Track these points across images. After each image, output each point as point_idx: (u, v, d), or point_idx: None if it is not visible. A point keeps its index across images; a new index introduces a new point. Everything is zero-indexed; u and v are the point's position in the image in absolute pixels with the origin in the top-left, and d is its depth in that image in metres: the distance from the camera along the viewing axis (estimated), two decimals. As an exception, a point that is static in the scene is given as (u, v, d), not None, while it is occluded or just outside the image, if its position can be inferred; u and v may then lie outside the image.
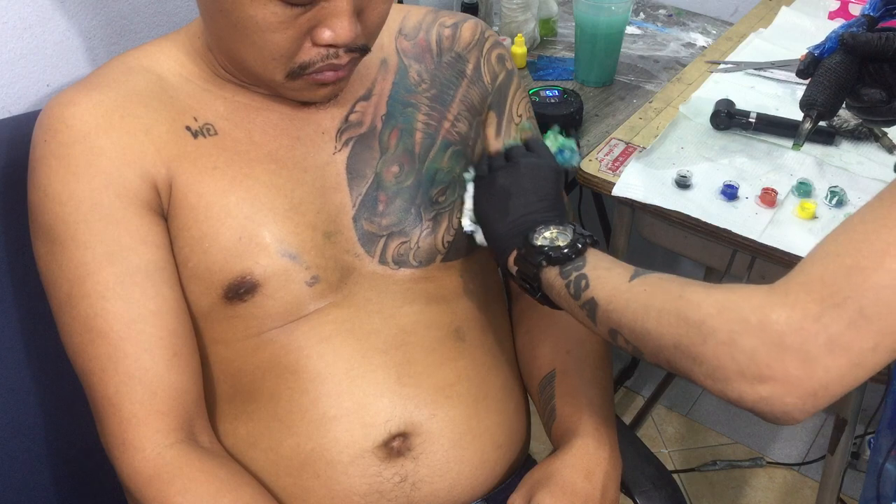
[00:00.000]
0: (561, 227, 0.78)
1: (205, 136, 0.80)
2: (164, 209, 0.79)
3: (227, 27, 0.74)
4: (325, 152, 0.84)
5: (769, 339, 0.56)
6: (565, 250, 0.76)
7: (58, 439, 0.94)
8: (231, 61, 0.80)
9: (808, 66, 0.90)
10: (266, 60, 0.75)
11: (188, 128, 0.80)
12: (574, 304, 0.74)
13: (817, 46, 0.89)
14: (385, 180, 0.85)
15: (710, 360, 0.60)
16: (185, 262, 0.80)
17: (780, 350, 0.56)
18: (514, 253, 0.80)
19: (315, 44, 0.74)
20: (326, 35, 0.73)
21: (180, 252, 0.79)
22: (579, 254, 0.76)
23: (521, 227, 0.81)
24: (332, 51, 0.74)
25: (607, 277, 0.72)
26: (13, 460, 0.91)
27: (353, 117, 0.86)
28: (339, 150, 0.85)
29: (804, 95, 0.90)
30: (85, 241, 0.76)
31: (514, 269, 0.81)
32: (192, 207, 0.79)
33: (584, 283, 0.73)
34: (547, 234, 0.78)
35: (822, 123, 1.14)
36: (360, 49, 0.76)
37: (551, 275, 0.76)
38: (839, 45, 0.87)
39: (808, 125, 0.91)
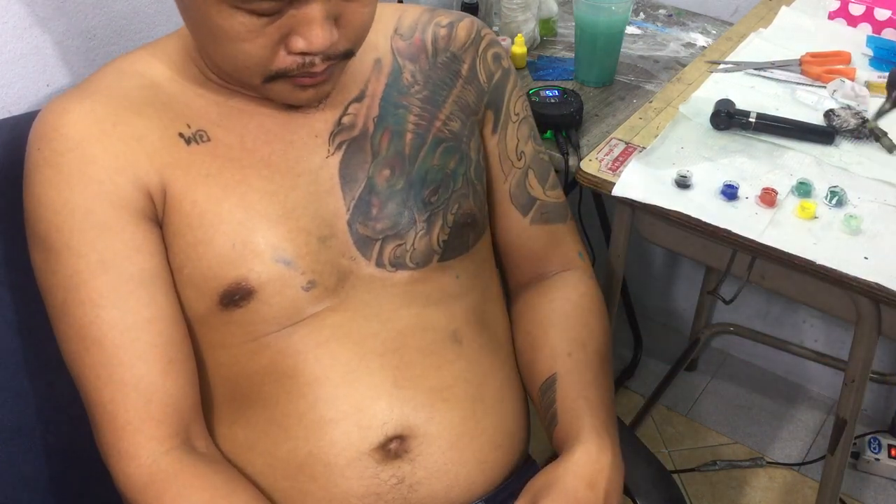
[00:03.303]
0: None
1: (198, 143, 0.80)
2: (158, 216, 0.79)
3: (203, 35, 0.74)
4: (319, 156, 0.84)
5: None
6: None
7: (58, 440, 0.93)
8: (212, 67, 0.80)
9: None
10: (241, 68, 0.74)
11: (181, 134, 0.80)
12: None
13: None
14: (377, 184, 0.85)
15: None
16: (179, 269, 0.79)
17: None
18: None
19: (289, 52, 0.73)
20: (300, 44, 0.72)
21: (175, 259, 0.79)
22: None
23: None
24: (307, 59, 0.73)
25: None
26: (13, 460, 0.91)
27: (345, 120, 0.85)
28: (332, 154, 0.84)
29: None
30: (79, 249, 0.76)
31: None
32: (186, 215, 0.78)
33: None
34: None
35: (822, 123, 1.15)
36: (340, 55, 0.76)
37: None
38: None
39: None
